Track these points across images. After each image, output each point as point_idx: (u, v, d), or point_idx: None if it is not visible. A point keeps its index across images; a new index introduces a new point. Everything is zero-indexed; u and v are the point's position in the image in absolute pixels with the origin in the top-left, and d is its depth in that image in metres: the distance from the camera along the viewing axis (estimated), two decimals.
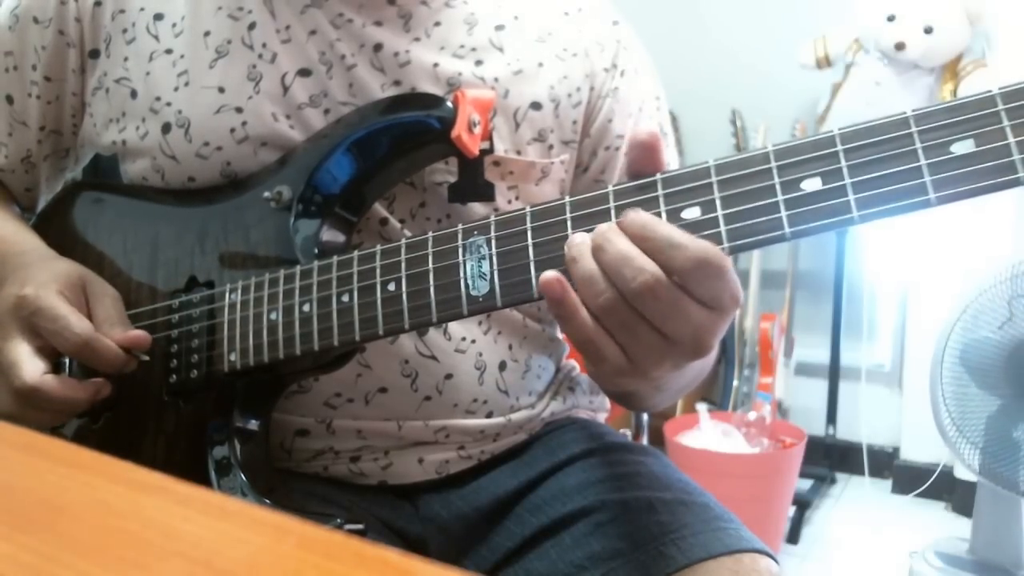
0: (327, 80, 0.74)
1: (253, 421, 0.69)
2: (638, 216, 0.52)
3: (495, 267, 0.58)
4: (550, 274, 0.53)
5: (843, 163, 0.50)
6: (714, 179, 0.53)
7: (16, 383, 0.65)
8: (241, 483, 0.66)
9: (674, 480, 0.77)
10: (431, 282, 0.60)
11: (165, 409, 0.71)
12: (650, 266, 0.51)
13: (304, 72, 0.74)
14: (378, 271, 0.63)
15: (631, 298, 0.51)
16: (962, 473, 2.39)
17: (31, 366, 0.65)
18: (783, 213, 0.51)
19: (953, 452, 1.71)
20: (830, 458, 2.57)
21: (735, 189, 0.52)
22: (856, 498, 2.54)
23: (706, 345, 0.53)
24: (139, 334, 0.68)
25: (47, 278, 0.68)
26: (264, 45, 0.74)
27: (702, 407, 2.28)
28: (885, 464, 2.62)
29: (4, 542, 0.30)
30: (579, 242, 0.54)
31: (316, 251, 0.68)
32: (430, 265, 0.61)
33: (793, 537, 2.26)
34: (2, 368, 0.66)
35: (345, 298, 0.63)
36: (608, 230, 0.53)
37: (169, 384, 0.71)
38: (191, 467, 0.68)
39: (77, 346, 0.66)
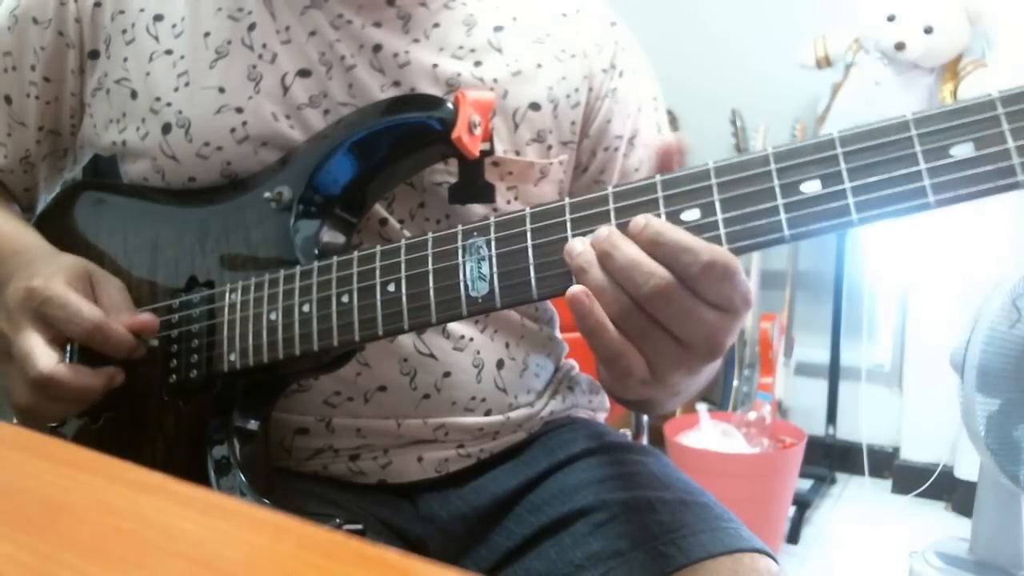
0: (327, 81, 0.74)
1: (253, 421, 0.69)
2: (648, 222, 0.52)
3: (495, 268, 0.58)
4: (577, 289, 0.53)
5: (843, 166, 0.50)
6: (714, 181, 0.53)
7: (32, 373, 0.65)
8: (240, 483, 0.66)
9: (674, 480, 0.77)
10: (431, 283, 0.60)
11: (165, 409, 0.71)
12: (660, 270, 0.51)
13: (304, 73, 0.74)
14: (378, 272, 0.63)
15: (644, 303, 0.52)
16: (962, 473, 2.39)
17: (45, 356, 0.65)
18: (783, 215, 0.51)
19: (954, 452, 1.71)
20: (830, 458, 2.57)
21: (735, 191, 0.53)
22: (856, 498, 2.54)
23: (720, 347, 0.53)
24: (148, 318, 0.69)
25: (54, 269, 0.69)
26: (264, 46, 0.74)
27: (702, 407, 2.28)
28: (885, 464, 2.62)
29: (4, 542, 0.30)
30: (581, 251, 0.54)
31: (316, 252, 0.69)
32: (430, 266, 0.61)
33: (793, 537, 2.26)
34: (16, 360, 0.67)
35: (345, 299, 0.63)
36: (612, 235, 0.53)
37: (169, 384, 0.71)
38: (191, 467, 0.68)
39: (88, 331, 0.66)
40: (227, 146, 0.73)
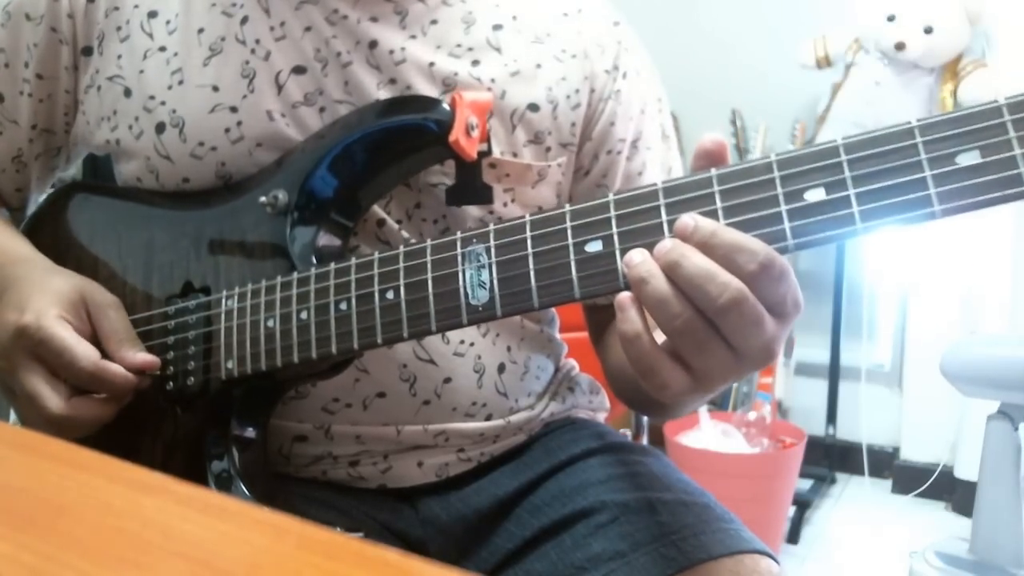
0: (322, 78, 0.73)
1: (251, 428, 0.69)
2: (697, 224, 0.50)
3: (495, 276, 0.57)
4: (625, 295, 0.52)
5: (847, 173, 0.49)
6: (716, 188, 0.52)
7: (44, 415, 0.65)
8: (240, 493, 0.66)
9: (674, 480, 0.77)
10: (430, 291, 0.59)
11: (162, 417, 0.71)
12: (735, 281, 0.49)
13: (299, 70, 0.73)
14: (376, 279, 0.62)
15: (714, 315, 0.50)
16: (962, 473, 2.39)
17: (54, 397, 0.65)
18: (786, 223, 0.50)
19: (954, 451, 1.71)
20: (830, 458, 2.57)
21: (738, 199, 0.52)
22: (856, 498, 2.54)
23: (775, 354, 0.52)
24: (150, 359, 0.68)
25: (46, 303, 0.66)
26: (258, 42, 0.74)
27: (702, 407, 2.28)
28: (885, 464, 2.62)
29: (4, 542, 0.30)
30: (641, 261, 0.51)
31: (313, 257, 0.68)
32: (429, 274, 0.60)
33: (793, 537, 2.26)
34: (22, 398, 0.66)
35: (343, 306, 0.63)
36: (679, 245, 0.50)
37: (166, 392, 0.70)
38: (189, 474, 0.67)
39: (87, 379, 0.65)
40: (221, 146, 0.72)
